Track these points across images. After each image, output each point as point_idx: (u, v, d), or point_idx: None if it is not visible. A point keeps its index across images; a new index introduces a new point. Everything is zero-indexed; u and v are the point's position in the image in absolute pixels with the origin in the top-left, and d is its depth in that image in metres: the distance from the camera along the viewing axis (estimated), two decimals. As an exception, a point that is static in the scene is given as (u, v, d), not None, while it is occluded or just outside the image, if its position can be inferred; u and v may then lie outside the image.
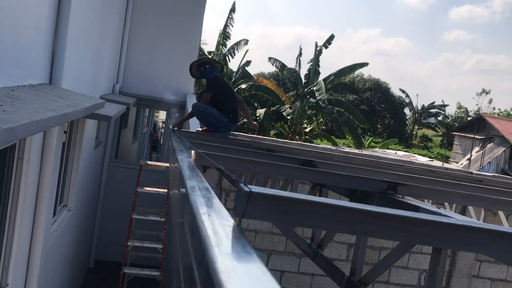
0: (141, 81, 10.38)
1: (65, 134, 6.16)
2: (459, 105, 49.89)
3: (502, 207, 2.51)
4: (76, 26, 5.33)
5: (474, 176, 4.78)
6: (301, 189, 5.27)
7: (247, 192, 0.77)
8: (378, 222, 0.83)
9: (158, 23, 10.42)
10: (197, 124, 6.89)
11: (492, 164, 26.61)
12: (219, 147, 2.62)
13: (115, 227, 9.76)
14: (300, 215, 0.81)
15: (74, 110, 3.84)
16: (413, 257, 6.72)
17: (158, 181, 8.94)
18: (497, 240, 0.85)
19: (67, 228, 6.78)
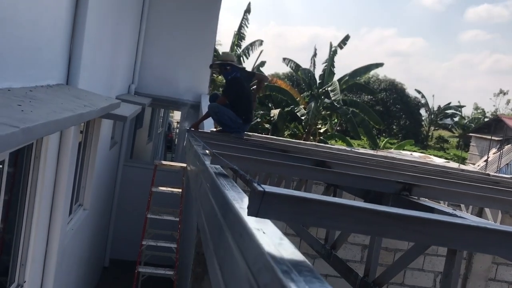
0: (156, 82, 10.45)
1: (81, 134, 6.23)
2: (476, 106, 49.32)
3: (519, 209, 2.48)
4: (92, 28, 5.39)
5: (491, 177, 4.73)
6: (315, 189, 5.25)
7: (261, 191, 0.77)
8: (392, 223, 0.83)
9: (174, 24, 10.48)
10: (211, 124, 6.91)
11: (510, 166, 26.23)
12: (233, 147, 2.63)
13: (130, 226, 9.83)
14: (314, 215, 0.81)
15: (91, 110, 3.88)
16: (428, 259, 6.65)
17: (173, 181, 8.99)
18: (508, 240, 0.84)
19: (83, 227, 6.86)
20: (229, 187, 1.32)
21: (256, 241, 0.76)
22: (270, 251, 0.71)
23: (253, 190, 0.81)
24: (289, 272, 0.63)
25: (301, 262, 0.70)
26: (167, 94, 10.49)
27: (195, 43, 10.52)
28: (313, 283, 0.62)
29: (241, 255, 0.82)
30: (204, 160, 2.02)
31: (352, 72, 23.80)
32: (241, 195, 1.20)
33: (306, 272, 0.65)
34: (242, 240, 0.85)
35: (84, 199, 7.03)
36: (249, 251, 0.78)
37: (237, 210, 0.97)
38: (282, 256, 0.71)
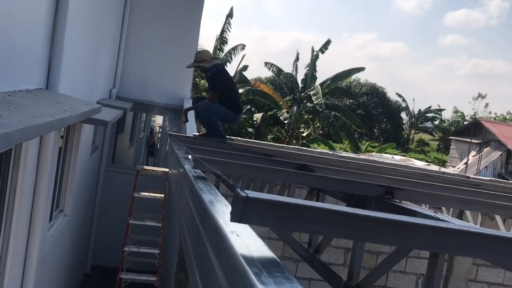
0: (138, 86, 10.38)
1: (61, 139, 6.14)
2: (455, 110, 50.05)
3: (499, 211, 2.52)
4: (73, 31, 5.33)
5: (471, 180, 4.79)
6: (298, 193, 5.27)
7: (244, 197, 0.77)
8: (375, 227, 0.83)
9: (156, 28, 10.43)
10: (194, 129, 6.88)
11: (489, 168, 26.68)
12: (216, 152, 2.62)
13: (111, 232, 9.72)
14: (297, 220, 0.81)
15: (71, 115, 3.83)
16: (410, 261, 6.71)
17: (155, 186, 8.92)
18: (494, 245, 0.85)
19: (64, 233, 6.75)
20: (206, 190, 1.32)
21: (230, 244, 0.77)
22: (243, 253, 0.71)
23: (236, 195, 0.80)
24: (259, 274, 0.63)
25: (272, 263, 0.70)
26: (149, 99, 10.43)
27: (177, 47, 10.48)
28: (283, 284, 0.62)
29: (216, 259, 0.82)
30: (184, 164, 2.01)
31: (333, 76, 23.97)
32: (219, 198, 1.20)
33: (276, 273, 0.66)
34: (217, 244, 0.85)
35: (65, 205, 6.93)
36: (223, 255, 0.78)
37: (212, 213, 0.97)
38: (254, 257, 0.71)
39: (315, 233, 2.14)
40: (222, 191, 6.26)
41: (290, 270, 3.04)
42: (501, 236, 0.85)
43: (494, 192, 2.55)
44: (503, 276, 6.83)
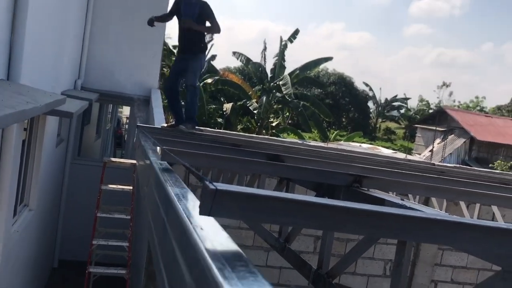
0: (104, 76, 10.16)
1: (25, 132, 5.97)
2: (420, 98, 51.12)
3: (463, 198, 2.58)
4: (35, 20, 5.16)
5: (437, 167, 4.91)
6: (268, 183, 5.28)
7: (213, 190, 0.76)
8: (344, 217, 0.84)
9: (121, 17, 10.21)
10: (162, 119, 6.81)
11: (453, 155, 27.43)
12: (184, 143, 2.59)
13: (79, 225, 9.55)
14: (267, 212, 0.80)
15: (34, 106, 3.72)
16: (378, 247, 6.85)
17: (123, 178, 8.79)
18: (459, 232, 0.87)
19: (29, 228, 6.59)
20: (172, 183, 1.30)
21: (193, 238, 0.76)
22: (207, 247, 0.71)
23: (205, 188, 0.79)
24: (222, 269, 0.63)
25: (236, 256, 0.70)
26: (115, 89, 10.22)
27: (144, 37, 10.29)
28: (246, 278, 0.62)
29: (181, 254, 0.81)
30: (149, 155, 1.98)
31: (302, 66, 24.09)
32: (184, 191, 1.18)
33: (240, 267, 0.66)
34: (181, 237, 0.84)
35: (30, 199, 6.75)
36: (188, 249, 0.77)
37: (177, 206, 0.95)
38: (217, 251, 0.70)
39: (285, 224, 2.15)
40: (192, 182, 6.20)
41: (260, 259, 3.08)
42: (465, 223, 0.86)
43: (459, 179, 2.62)
44: (467, 259, 7.05)
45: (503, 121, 30.96)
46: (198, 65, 5.57)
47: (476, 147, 27.53)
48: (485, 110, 45.15)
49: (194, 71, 5.44)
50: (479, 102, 48.09)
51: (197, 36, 5.51)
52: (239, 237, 6.54)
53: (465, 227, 0.86)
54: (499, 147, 27.53)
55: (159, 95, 9.96)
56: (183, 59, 5.53)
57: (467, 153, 27.57)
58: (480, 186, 2.35)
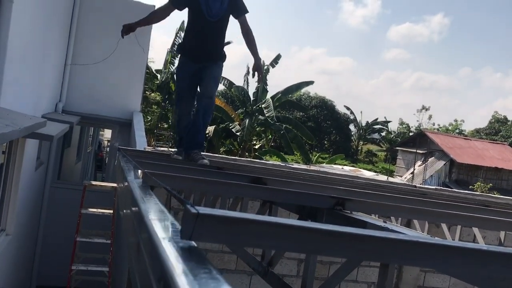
0: (85, 100, 10.10)
1: (3, 155, 5.87)
2: (401, 121, 51.79)
3: (444, 220, 2.60)
4: (16, 43, 5.12)
5: (418, 189, 4.95)
6: (251, 206, 5.26)
7: (195, 213, 0.75)
8: (326, 240, 0.83)
9: (104, 41, 10.21)
10: (144, 142, 6.77)
11: (434, 177, 27.73)
12: (166, 166, 2.57)
13: (58, 250, 9.34)
14: (250, 236, 0.79)
15: (13, 129, 3.67)
16: (361, 270, 6.83)
17: (104, 201, 8.67)
18: (441, 254, 0.87)
19: (5, 253, 6.43)
20: (146, 200, 1.28)
21: (159, 250, 0.76)
22: (172, 259, 0.71)
23: (186, 211, 0.78)
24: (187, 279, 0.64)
25: (201, 265, 0.71)
26: (96, 112, 10.16)
27: (127, 60, 10.30)
28: (208, 285, 0.63)
29: (151, 270, 0.81)
30: (128, 177, 1.96)
31: (284, 90, 24.32)
32: (157, 207, 1.17)
33: (203, 274, 0.67)
34: (150, 252, 0.84)
35: (7, 224, 6.60)
36: (155, 263, 0.77)
37: (151, 227, 0.94)
38: (182, 262, 0.71)
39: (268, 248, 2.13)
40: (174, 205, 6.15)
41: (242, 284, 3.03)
42: (447, 245, 0.87)
43: (439, 201, 2.64)
44: (449, 281, 7.06)
45: (481, 144, 31.51)
46: (220, 73, 4.29)
47: (456, 169, 27.91)
48: (464, 133, 45.94)
49: (215, 79, 4.20)
50: (458, 125, 48.94)
51: (223, 39, 4.27)
52: (222, 261, 6.47)
53: (447, 249, 0.86)
54: (478, 169, 27.95)
55: (141, 118, 9.92)
56: (199, 69, 4.15)
57: (448, 175, 27.92)
58: (461, 208, 2.37)
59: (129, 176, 1.97)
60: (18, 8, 4.96)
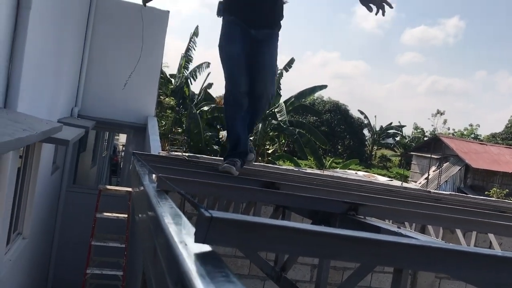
0: (100, 104, 10.21)
1: (20, 159, 5.95)
2: (415, 126, 51.37)
3: (459, 225, 2.58)
4: (33, 49, 5.21)
5: (432, 195, 4.91)
6: (264, 211, 5.26)
7: (208, 217, 0.76)
8: (340, 245, 0.84)
9: (119, 46, 10.33)
10: (158, 147, 6.81)
11: (449, 183, 27.43)
12: (180, 171, 2.59)
13: (73, 254, 9.43)
14: (263, 240, 0.80)
15: (30, 134, 3.73)
16: (375, 276, 6.77)
17: (118, 206, 8.73)
18: (455, 259, 0.86)
19: (22, 256, 6.50)
20: (162, 204, 1.30)
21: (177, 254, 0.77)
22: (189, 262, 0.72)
23: (200, 215, 0.79)
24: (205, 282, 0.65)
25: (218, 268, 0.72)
26: (111, 117, 10.26)
27: (141, 65, 10.39)
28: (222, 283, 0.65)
29: (168, 273, 0.82)
30: (144, 181, 1.98)
31: (297, 94, 24.29)
32: (173, 211, 1.18)
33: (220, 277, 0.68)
34: (167, 256, 0.85)
35: (24, 228, 6.68)
36: (172, 266, 0.78)
37: (167, 231, 0.95)
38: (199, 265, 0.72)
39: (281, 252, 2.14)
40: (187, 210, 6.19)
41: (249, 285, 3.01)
42: (462, 250, 0.86)
43: (454, 206, 2.62)
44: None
45: (497, 149, 31.11)
46: (277, 54, 3.23)
47: (471, 175, 27.58)
48: (479, 138, 45.40)
49: (273, 66, 3.20)
50: (473, 130, 48.37)
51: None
52: (235, 266, 6.47)
53: (461, 255, 0.86)
54: (494, 175, 27.59)
55: (156, 123, 9.99)
56: (255, 41, 3.07)
57: (463, 180, 27.59)
58: (476, 213, 2.35)
59: (144, 180, 1.99)
60: (35, 15, 5.04)
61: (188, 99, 23.94)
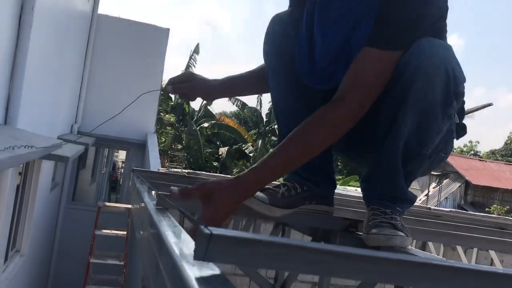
0: (100, 121, 10.23)
1: (19, 176, 5.95)
2: (415, 142, 51.31)
3: (460, 242, 2.57)
4: (33, 66, 5.24)
5: (433, 211, 4.89)
6: (264, 228, 5.23)
7: (208, 234, 0.75)
8: (340, 262, 0.83)
9: (119, 62, 10.39)
10: (158, 163, 6.81)
11: (449, 200, 27.36)
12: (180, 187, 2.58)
13: (71, 272, 9.35)
14: (263, 257, 0.80)
15: (30, 151, 3.73)
16: (376, 294, 6.72)
17: (117, 223, 8.69)
18: (456, 276, 0.86)
19: (20, 275, 6.45)
20: (164, 222, 1.29)
21: (182, 272, 0.76)
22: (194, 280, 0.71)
23: (199, 232, 0.78)
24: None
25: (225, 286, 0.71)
26: (111, 134, 10.28)
27: (142, 82, 10.44)
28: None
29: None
30: (144, 197, 1.97)
31: (297, 111, 24.33)
32: (177, 229, 1.18)
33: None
34: (172, 273, 0.84)
35: (22, 245, 6.64)
36: (177, 284, 0.77)
37: (170, 245, 0.95)
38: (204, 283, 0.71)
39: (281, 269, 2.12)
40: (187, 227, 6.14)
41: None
42: (463, 267, 0.86)
43: (455, 223, 2.61)
44: (467, 306, 6.91)
45: (497, 165, 31.09)
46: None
47: (472, 191, 27.52)
48: (479, 155, 45.42)
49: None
50: (473, 146, 48.40)
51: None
52: (234, 283, 6.41)
53: (462, 272, 0.85)
54: (494, 191, 27.52)
55: (155, 139, 10.00)
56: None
57: (463, 197, 27.53)
58: (477, 230, 2.34)
59: (145, 197, 1.98)
60: (36, 33, 5.08)
61: (188, 115, 24.02)
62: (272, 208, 1.52)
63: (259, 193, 1.48)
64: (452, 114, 1.39)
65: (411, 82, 1.27)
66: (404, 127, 1.33)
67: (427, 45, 1.27)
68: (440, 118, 1.33)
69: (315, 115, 1.33)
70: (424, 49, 1.26)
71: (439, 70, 1.25)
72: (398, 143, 1.36)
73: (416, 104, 1.29)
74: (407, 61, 1.28)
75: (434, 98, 1.28)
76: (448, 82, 1.28)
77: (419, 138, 1.36)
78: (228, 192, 1.25)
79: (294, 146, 1.33)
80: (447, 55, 1.28)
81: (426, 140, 1.37)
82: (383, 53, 1.31)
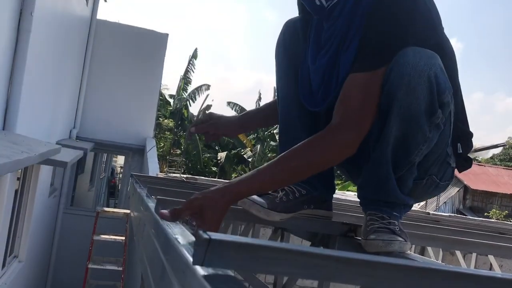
0: (99, 126, 10.23)
1: (18, 181, 5.93)
2: (414, 147, 51.42)
3: (459, 247, 2.57)
4: (32, 71, 5.24)
5: (431, 216, 4.89)
6: (263, 233, 5.22)
7: (206, 239, 0.75)
8: (338, 266, 0.83)
9: (118, 67, 10.40)
10: (157, 168, 6.80)
11: (448, 204, 27.35)
12: (178, 193, 2.58)
13: (70, 277, 9.32)
14: (262, 262, 0.79)
15: (28, 156, 3.72)
16: (375, 299, 6.71)
17: (116, 228, 8.67)
18: (455, 281, 0.86)
19: (17, 280, 6.42)
20: (171, 225, 1.29)
21: (197, 276, 0.75)
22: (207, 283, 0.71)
23: (198, 237, 0.78)
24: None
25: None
26: (110, 139, 10.27)
27: (140, 87, 10.45)
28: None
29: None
30: (147, 202, 1.97)
31: (296, 115, 24.34)
32: (184, 232, 1.18)
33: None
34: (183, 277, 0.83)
35: (20, 250, 6.62)
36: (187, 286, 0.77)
37: (177, 245, 0.95)
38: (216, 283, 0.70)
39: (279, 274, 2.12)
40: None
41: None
42: (461, 272, 0.86)
43: (454, 228, 2.61)
44: (466, 311, 6.90)
45: (495, 170, 31.11)
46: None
47: (470, 196, 27.51)
48: (477, 159, 45.48)
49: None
50: (471, 151, 48.43)
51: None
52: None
53: (461, 276, 0.85)
54: (493, 196, 27.52)
55: (154, 145, 9.99)
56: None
57: (461, 202, 27.52)
58: (476, 235, 2.34)
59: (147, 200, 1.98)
60: (35, 38, 5.09)
61: (187, 120, 24.03)
62: (271, 212, 1.52)
63: (258, 198, 1.48)
64: (440, 123, 1.35)
65: (395, 90, 1.28)
66: (390, 134, 1.34)
67: (411, 54, 1.27)
68: (425, 127, 1.32)
69: (311, 143, 1.36)
70: (408, 58, 1.26)
71: (422, 78, 1.26)
72: (385, 149, 1.37)
73: (400, 111, 1.30)
74: (392, 68, 1.29)
75: (418, 106, 1.29)
76: (431, 90, 1.28)
77: (405, 145, 1.36)
78: (218, 206, 1.27)
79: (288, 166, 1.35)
80: (430, 64, 1.27)
81: (411, 148, 1.36)
82: (369, 74, 1.33)
